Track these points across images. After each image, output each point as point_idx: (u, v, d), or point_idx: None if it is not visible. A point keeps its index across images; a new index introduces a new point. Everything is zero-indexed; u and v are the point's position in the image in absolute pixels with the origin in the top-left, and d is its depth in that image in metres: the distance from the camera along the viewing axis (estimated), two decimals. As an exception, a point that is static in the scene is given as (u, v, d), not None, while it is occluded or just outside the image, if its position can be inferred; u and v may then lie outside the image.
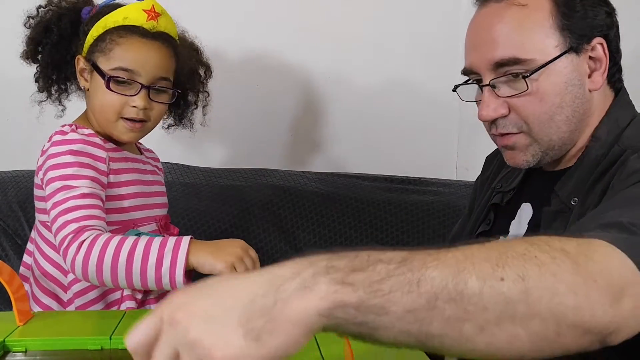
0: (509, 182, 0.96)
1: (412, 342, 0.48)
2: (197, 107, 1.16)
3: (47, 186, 0.96)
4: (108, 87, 0.99)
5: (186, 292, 0.48)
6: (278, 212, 1.52)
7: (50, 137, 1.01)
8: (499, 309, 0.48)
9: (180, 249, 0.89)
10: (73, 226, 0.91)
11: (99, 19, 1.02)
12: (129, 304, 1.00)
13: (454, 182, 1.65)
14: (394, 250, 0.50)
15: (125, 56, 1.00)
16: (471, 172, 1.70)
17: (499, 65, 0.82)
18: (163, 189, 1.16)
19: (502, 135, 0.86)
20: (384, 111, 1.71)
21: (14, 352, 0.77)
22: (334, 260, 0.47)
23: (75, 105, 1.13)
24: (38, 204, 1.04)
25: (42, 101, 1.10)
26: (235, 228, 1.49)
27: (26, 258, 1.07)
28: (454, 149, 1.74)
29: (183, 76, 1.10)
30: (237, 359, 0.44)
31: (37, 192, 1.04)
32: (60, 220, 0.92)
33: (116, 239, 0.90)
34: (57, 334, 0.81)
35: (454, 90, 0.92)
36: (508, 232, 0.91)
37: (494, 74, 0.83)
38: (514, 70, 0.81)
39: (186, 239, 0.91)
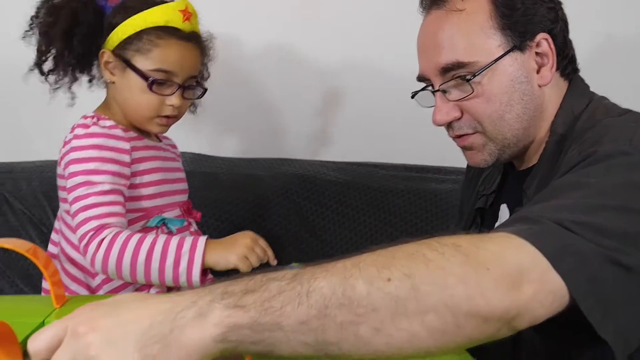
0: (490, 184, 0.97)
1: (312, 352, 0.50)
2: (205, 91, 1.17)
3: (68, 179, 0.98)
4: (151, 89, 1.01)
5: (93, 308, 0.51)
6: (298, 201, 1.53)
7: (73, 129, 1.03)
8: (389, 309, 0.50)
9: (197, 250, 0.94)
10: (93, 223, 0.94)
11: (128, 14, 1.03)
12: (157, 288, 1.02)
13: (472, 171, 1.66)
14: (284, 271, 0.52)
15: (164, 58, 1.02)
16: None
17: (445, 70, 0.84)
18: (183, 175, 1.18)
19: (459, 136, 0.87)
20: (400, 100, 1.71)
21: (52, 333, 0.79)
22: (231, 285, 0.50)
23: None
24: (61, 194, 1.06)
25: (57, 88, 1.10)
26: (255, 216, 1.51)
27: (51, 248, 1.10)
28: (471, 138, 1.75)
29: (202, 70, 1.13)
30: None
31: (60, 182, 1.06)
32: (81, 216, 0.95)
33: (135, 237, 0.94)
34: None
35: (412, 97, 0.94)
36: None
37: (442, 79, 0.85)
38: (459, 73, 0.82)
39: (202, 240, 0.95)
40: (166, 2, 1.06)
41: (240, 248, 0.94)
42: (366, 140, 1.73)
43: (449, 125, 0.87)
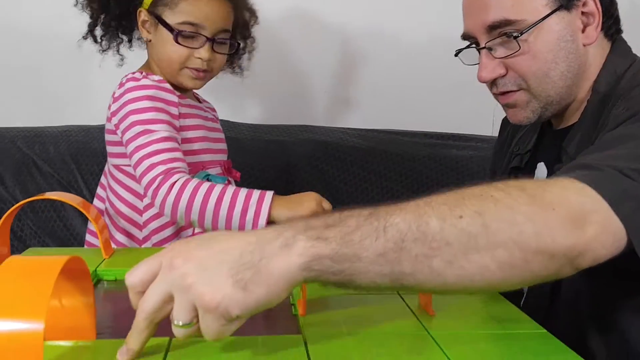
0: (525, 144, 0.99)
1: (388, 282, 0.54)
2: (245, 53, 1.19)
3: (126, 131, 1.01)
4: (176, 40, 1.03)
5: (186, 242, 0.55)
6: (321, 167, 1.56)
7: (122, 84, 1.06)
8: (462, 243, 0.53)
9: (264, 203, 0.96)
10: (161, 168, 0.97)
11: None
12: (198, 238, 1.06)
13: (491, 138, 1.68)
14: (366, 208, 0.55)
15: (191, 11, 1.04)
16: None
17: (492, 27, 0.85)
18: (222, 135, 1.21)
19: (503, 94, 0.89)
20: (420, 67, 1.74)
21: (105, 280, 0.83)
22: (311, 221, 0.54)
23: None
24: (111, 149, 1.09)
25: (105, 51, 1.13)
26: (280, 181, 1.54)
27: (97, 203, 1.13)
28: (490, 105, 1.76)
29: (238, 26, 1.14)
30: (225, 303, 0.50)
31: (109, 137, 1.09)
32: (147, 162, 0.98)
33: (205, 184, 0.97)
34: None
35: (455, 55, 0.95)
36: None
37: (489, 36, 0.86)
38: (506, 30, 0.84)
39: (269, 194, 0.98)
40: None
41: (304, 211, 0.96)
42: (387, 107, 1.75)
43: (493, 83, 0.89)
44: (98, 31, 1.13)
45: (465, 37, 0.92)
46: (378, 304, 0.72)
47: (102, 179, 1.13)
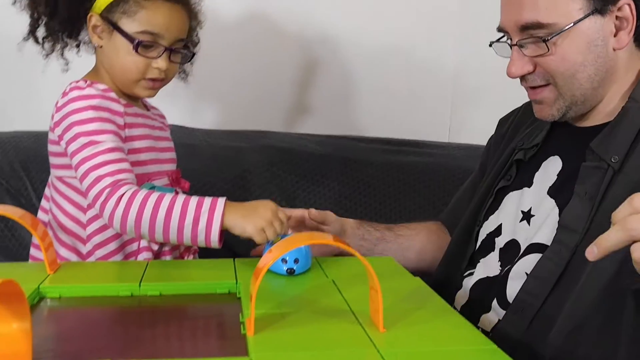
0: (531, 139, 1.00)
1: None
2: (193, 55, 1.16)
3: (71, 143, 0.98)
4: (136, 50, 1.01)
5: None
6: (278, 173, 1.54)
7: (65, 93, 1.02)
8: None
9: (216, 211, 0.93)
10: (108, 180, 0.94)
11: None
12: (145, 255, 1.03)
13: (447, 145, 1.69)
14: None
15: (151, 20, 1.01)
16: (463, 134, 1.75)
17: (524, 28, 0.87)
18: (171, 144, 1.18)
19: (532, 88, 0.92)
20: (378, 74, 1.74)
21: (48, 298, 0.80)
22: None
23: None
24: (54, 160, 1.05)
25: (49, 54, 1.09)
26: (236, 188, 1.52)
27: (41, 215, 1.09)
28: (447, 113, 1.78)
29: (190, 33, 1.12)
30: None
31: (52, 148, 1.05)
32: (93, 175, 0.94)
33: (155, 195, 0.93)
34: (88, 281, 0.84)
35: (490, 46, 0.96)
36: (532, 184, 0.96)
37: (520, 35, 0.88)
38: (537, 33, 0.86)
39: (222, 201, 0.94)
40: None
41: (259, 220, 0.93)
42: (345, 113, 1.75)
43: (522, 77, 0.91)
44: (41, 32, 1.08)
45: (500, 29, 0.93)
46: (330, 321, 0.71)
47: (46, 190, 1.09)
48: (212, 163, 1.54)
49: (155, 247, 1.04)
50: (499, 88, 1.63)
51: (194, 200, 0.94)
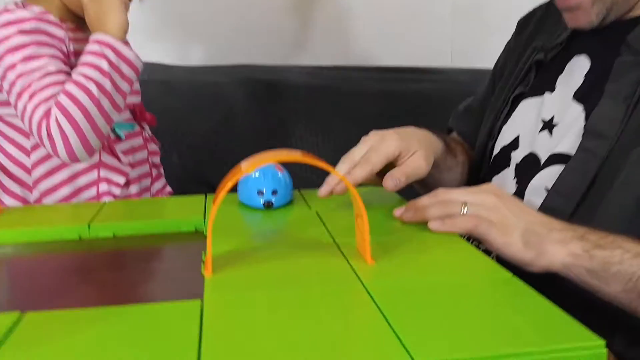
0: (553, 38, 0.86)
1: (626, 309, 0.64)
2: None
3: (4, 78, 0.86)
4: None
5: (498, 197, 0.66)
6: (264, 107, 1.42)
7: None
8: None
9: (113, 42, 0.88)
10: (42, 108, 0.82)
11: None
12: (107, 199, 0.91)
13: (450, 69, 1.55)
14: (635, 241, 0.62)
15: None
16: (468, 56, 1.60)
17: None
18: None
19: None
20: (371, -1, 1.60)
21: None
22: (589, 234, 0.64)
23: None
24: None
25: None
26: (219, 126, 1.40)
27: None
28: (447, 35, 1.63)
29: None
30: (512, 251, 0.63)
31: None
32: (29, 107, 0.84)
33: (73, 89, 0.84)
34: (31, 225, 0.72)
35: None
36: (554, 88, 0.83)
37: None
38: None
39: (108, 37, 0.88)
40: None
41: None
42: (334, 43, 1.62)
43: None
44: None
45: None
46: (308, 255, 0.59)
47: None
48: (194, 100, 1.43)
49: (118, 191, 0.93)
50: (503, 1, 1.49)
51: (92, 61, 0.86)
